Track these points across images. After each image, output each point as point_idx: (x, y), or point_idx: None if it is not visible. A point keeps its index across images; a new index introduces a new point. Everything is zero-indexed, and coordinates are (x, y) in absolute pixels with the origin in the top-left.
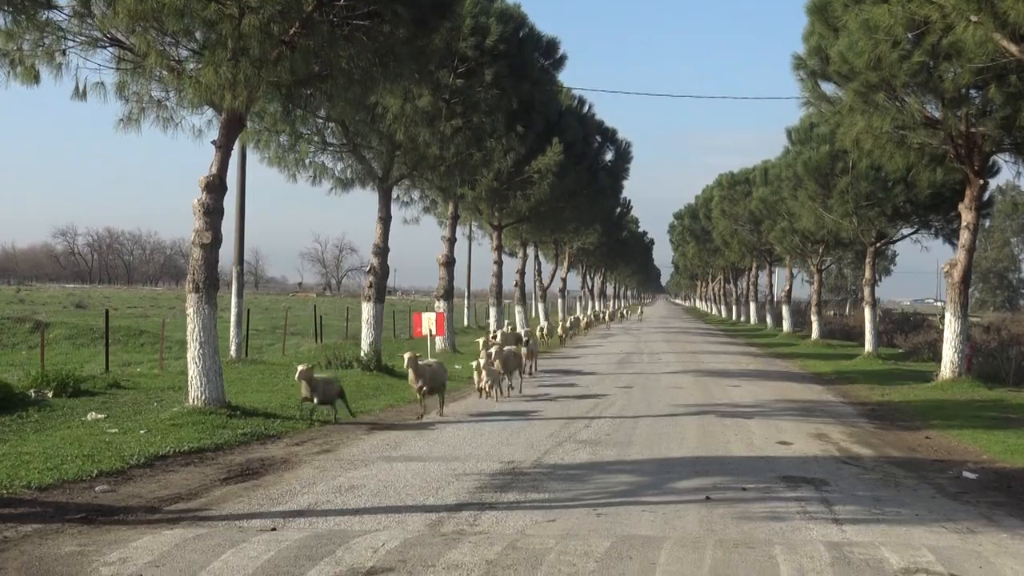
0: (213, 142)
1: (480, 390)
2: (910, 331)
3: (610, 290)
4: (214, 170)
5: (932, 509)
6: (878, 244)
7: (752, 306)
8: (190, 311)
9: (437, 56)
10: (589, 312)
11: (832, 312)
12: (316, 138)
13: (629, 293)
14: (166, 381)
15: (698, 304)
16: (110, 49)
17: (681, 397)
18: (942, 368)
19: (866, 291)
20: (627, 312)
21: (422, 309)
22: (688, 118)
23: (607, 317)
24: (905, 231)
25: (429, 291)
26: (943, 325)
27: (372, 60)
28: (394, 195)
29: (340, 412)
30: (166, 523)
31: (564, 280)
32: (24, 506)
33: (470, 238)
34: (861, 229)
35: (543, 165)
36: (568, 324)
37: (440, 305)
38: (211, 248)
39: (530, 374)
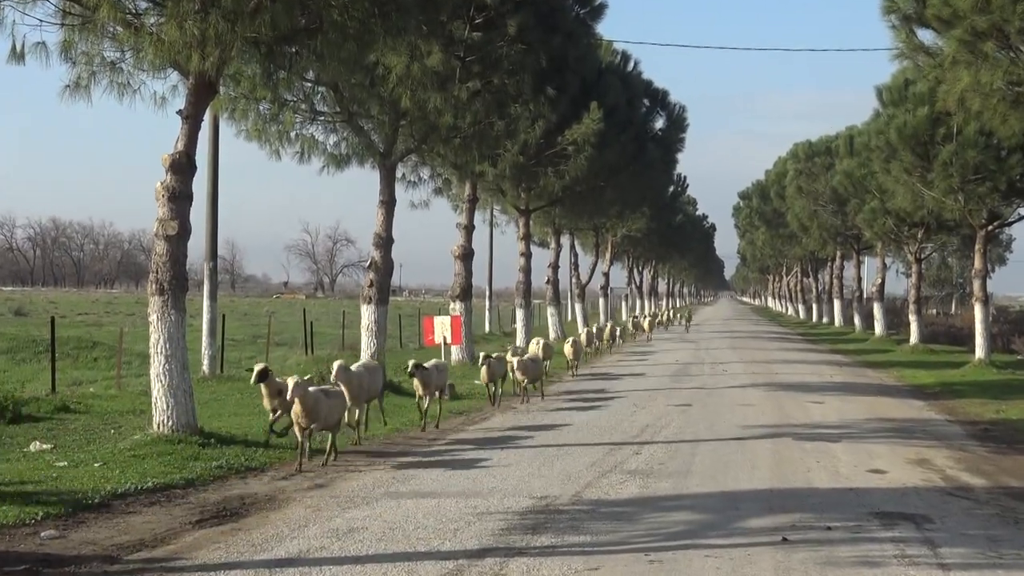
0: (179, 112)
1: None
2: None
3: (662, 287)
4: (181, 146)
5: None
6: (990, 227)
7: (836, 304)
8: (153, 318)
9: (449, 4)
10: (613, 319)
11: (934, 311)
12: (304, 106)
13: (686, 290)
14: (125, 403)
15: (770, 303)
16: (53, 1)
17: (750, 416)
18: None
19: (976, 285)
20: (676, 316)
21: (434, 312)
22: (755, 76)
23: (645, 324)
24: (1023, 210)
25: (443, 291)
26: None
27: (370, 10)
28: (399, 174)
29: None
30: None
31: (606, 275)
32: None
33: (491, 225)
34: (969, 208)
35: (579, 135)
36: (585, 336)
37: (456, 307)
38: (178, 241)
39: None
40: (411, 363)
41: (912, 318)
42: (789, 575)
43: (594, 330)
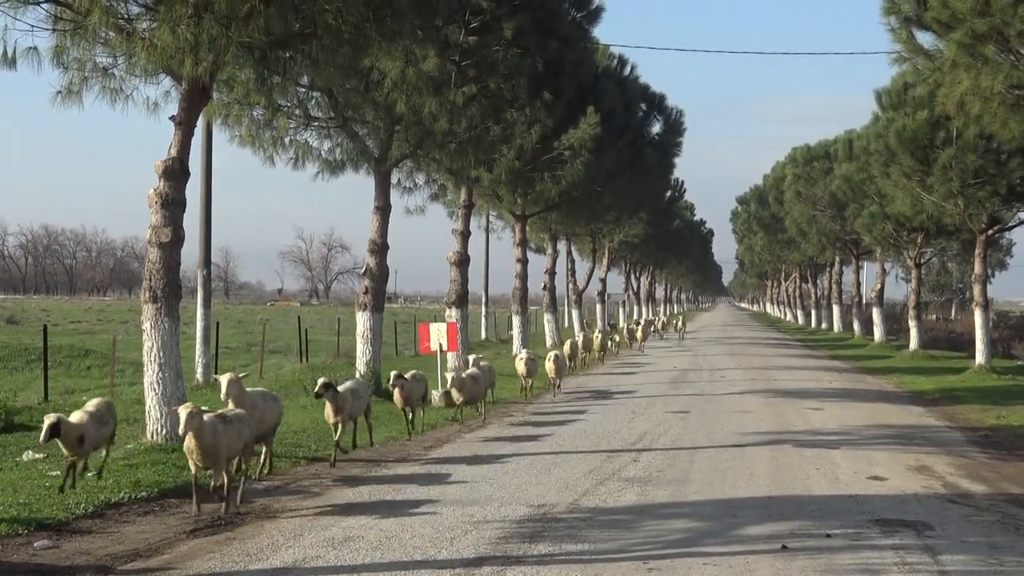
0: (172, 118)
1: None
2: None
3: (660, 293)
4: (174, 152)
5: None
6: (990, 232)
7: (835, 310)
8: (147, 326)
9: (444, 7)
10: (603, 328)
11: (934, 316)
12: (298, 112)
13: (683, 296)
14: (119, 412)
15: (768, 308)
16: (44, 6)
17: (749, 423)
18: None
19: (976, 290)
20: (672, 323)
21: (430, 319)
22: (753, 80)
23: (638, 332)
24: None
25: (438, 297)
26: None
27: (364, 14)
28: (394, 180)
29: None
30: None
31: (603, 281)
32: None
33: (488, 231)
34: (969, 213)
35: (576, 140)
36: (569, 347)
37: (452, 314)
38: (171, 248)
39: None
40: (392, 374)
41: (912, 323)
42: None
43: (581, 341)
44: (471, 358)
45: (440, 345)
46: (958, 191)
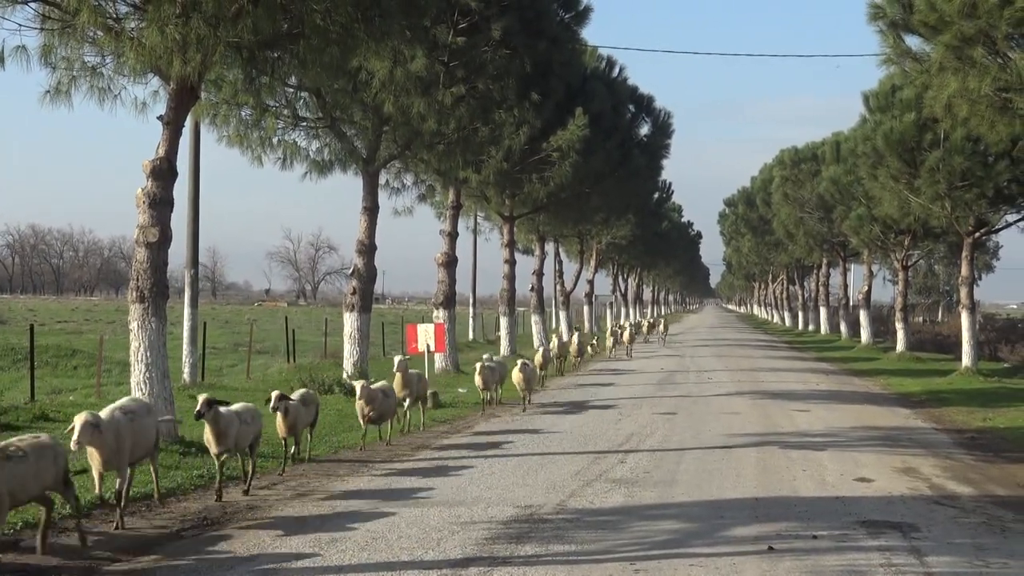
0: (160, 118)
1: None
2: (1018, 341)
3: (647, 294)
4: (162, 152)
5: None
6: (977, 234)
7: (822, 312)
8: (134, 326)
9: (433, 8)
10: (579, 332)
11: (921, 318)
12: (286, 112)
13: (671, 297)
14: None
15: (756, 310)
16: (32, 6)
17: (736, 425)
18: None
19: (963, 292)
20: (655, 325)
21: (417, 320)
22: (742, 82)
23: (624, 336)
24: (1010, 217)
25: (426, 298)
26: None
27: (353, 14)
28: (382, 180)
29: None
30: None
31: (591, 283)
32: None
33: (475, 232)
34: (956, 215)
35: (564, 141)
36: (541, 355)
37: (440, 315)
38: (159, 248)
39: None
40: (274, 395)
41: (899, 326)
42: None
43: (554, 346)
44: (485, 357)
45: (428, 346)
46: (945, 193)
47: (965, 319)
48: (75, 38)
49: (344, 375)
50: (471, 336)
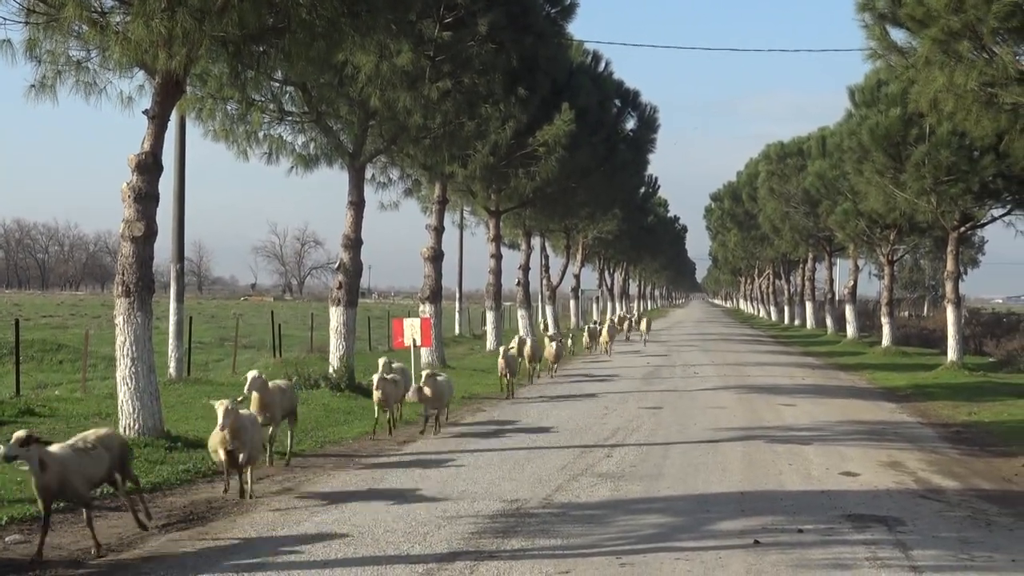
0: (145, 112)
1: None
2: (1003, 335)
3: (634, 289)
4: (147, 146)
5: None
6: (962, 229)
7: (808, 307)
8: (119, 320)
9: (419, 2)
10: (534, 334)
11: (907, 313)
12: (272, 106)
13: (657, 292)
14: (91, 406)
15: (742, 305)
16: None
17: (722, 419)
18: None
19: (948, 287)
20: (636, 322)
21: (403, 314)
22: (727, 77)
23: (603, 333)
24: (996, 212)
25: (412, 292)
26: None
27: (339, 8)
28: (368, 175)
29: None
30: None
31: (577, 277)
32: None
33: (462, 227)
34: (941, 210)
35: (550, 136)
36: (509, 349)
37: (426, 309)
38: (144, 242)
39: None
40: (375, 377)
41: (884, 320)
42: None
43: (518, 346)
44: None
45: (414, 340)
46: (931, 188)
47: (950, 314)
48: (60, 32)
49: (329, 369)
50: (457, 331)
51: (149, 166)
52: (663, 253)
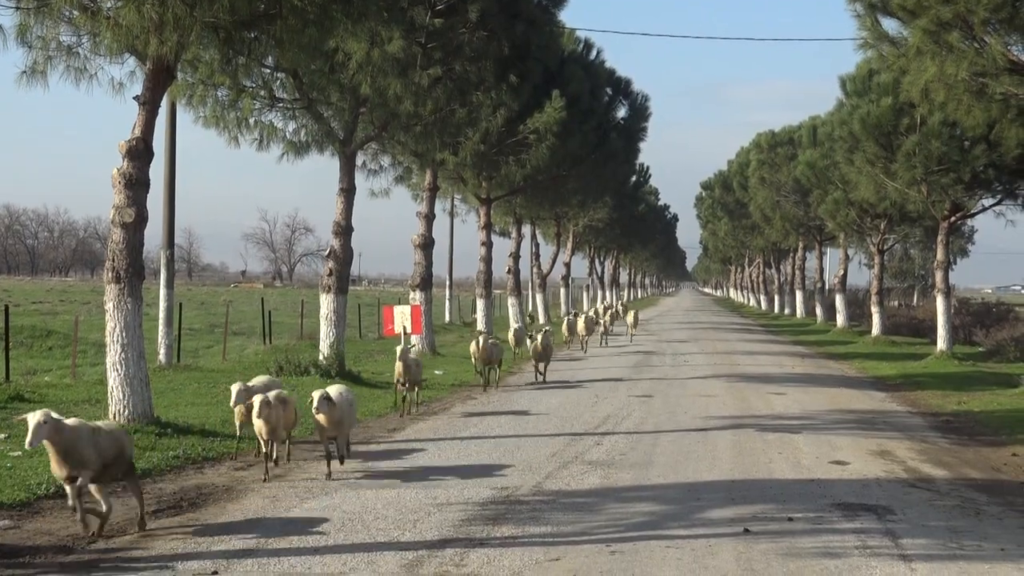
0: (136, 98)
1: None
2: (992, 325)
3: (624, 277)
4: (138, 132)
5: (1021, 543)
6: (953, 219)
7: (798, 295)
8: (109, 306)
9: None
10: (486, 334)
11: (896, 302)
12: (263, 92)
13: (648, 281)
14: (80, 392)
15: (732, 293)
16: None
17: (712, 407)
18: None
19: (938, 276)
20: (621, 314)
21: (394, 302)
22: (718, 66)
23: (579, 326)
24: (986, 202)
25: (402, 280)
26: None
27: None
28: (359, 162)
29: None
30: (83, 566)
31: (567, 265)
32: None
33: (452, 214)
34: (932, 200)
35: (541, 124)
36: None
37: (416, 297)
38: (135, 228)
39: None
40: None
41: (874, 309)
42: (751, 566)
43: (476, 349)
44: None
45: (404, 328)
46: (922, 178)
47: (940, 303)
48: (51, 17)
49: (319, 356)
50: (448, 318)
51: (140, 152)
52: (653, 242)
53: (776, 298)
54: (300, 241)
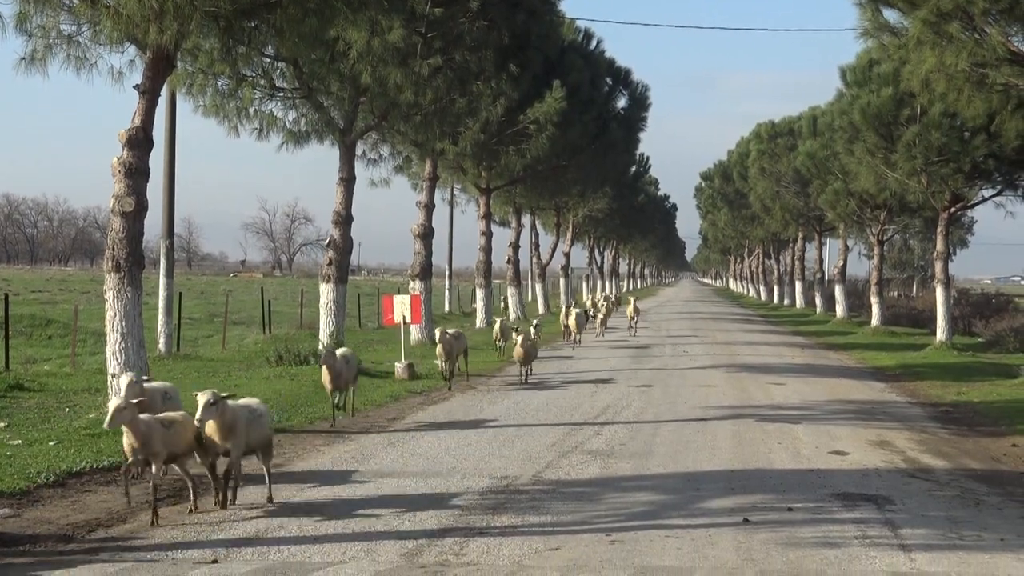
0: (136, 87)
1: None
2: (992, 316)
3: (624, 267)
4: (138, 121)
5: (1021, 533)
6: (953, 209)
7: (798, 286)
8: (109, 295)
9: None
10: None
11: (896, 293)
12: (263, 82)
13: (647, 271)
14: (80, 382)
15: (731, 284)
16: None
17: (712, 397)
18: None
19: (937, 267)
20: (617, 306)
21: (393, 291)
22: (719, 56)
23: (571, 321)
24: (986, 193)
25: (402, 270)
26: None
27: None
28: (359, 151)
29: None
30: (82, 555)
31: (567, 255)
32: None
33: (452, 204)
34: (932, 190)
35: (541, 114)
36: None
37: (416, 286)
38: (135, 217)
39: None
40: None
41: (874, 300)
42: (750, 556)
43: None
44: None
45: (404, 317)
46: (922, 168)
47: (940, 294)
48: (51, 6)
49: (319, 346)
50: (447, 308)
51: (140, 141)
52: (653, 232)
53: (776, 288)
54: (300, 231)
